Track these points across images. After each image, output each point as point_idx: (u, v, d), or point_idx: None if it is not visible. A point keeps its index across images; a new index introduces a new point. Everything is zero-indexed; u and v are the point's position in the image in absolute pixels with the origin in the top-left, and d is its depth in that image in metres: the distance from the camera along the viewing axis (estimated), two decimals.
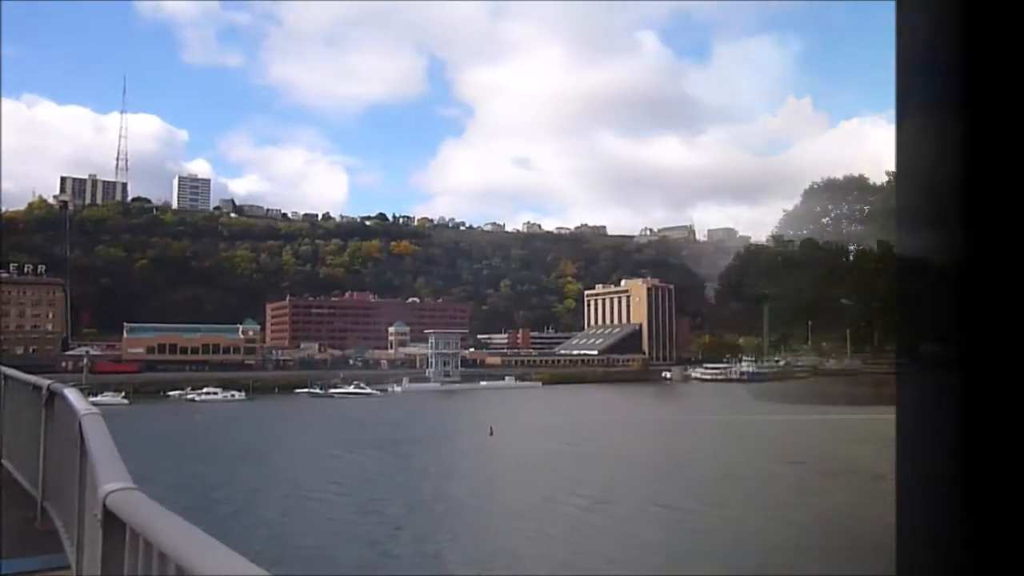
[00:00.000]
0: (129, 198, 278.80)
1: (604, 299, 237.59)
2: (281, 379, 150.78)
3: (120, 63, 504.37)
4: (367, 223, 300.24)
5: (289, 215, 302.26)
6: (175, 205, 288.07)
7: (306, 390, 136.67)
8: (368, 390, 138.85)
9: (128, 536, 3.01)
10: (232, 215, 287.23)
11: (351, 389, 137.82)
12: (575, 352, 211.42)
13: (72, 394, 6.26)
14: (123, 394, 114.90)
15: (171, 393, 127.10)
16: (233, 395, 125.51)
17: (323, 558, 31.28)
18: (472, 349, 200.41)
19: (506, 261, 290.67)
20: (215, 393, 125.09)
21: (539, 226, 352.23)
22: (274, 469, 55.11)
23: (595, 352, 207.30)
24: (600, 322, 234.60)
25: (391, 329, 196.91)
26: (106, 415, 5.03)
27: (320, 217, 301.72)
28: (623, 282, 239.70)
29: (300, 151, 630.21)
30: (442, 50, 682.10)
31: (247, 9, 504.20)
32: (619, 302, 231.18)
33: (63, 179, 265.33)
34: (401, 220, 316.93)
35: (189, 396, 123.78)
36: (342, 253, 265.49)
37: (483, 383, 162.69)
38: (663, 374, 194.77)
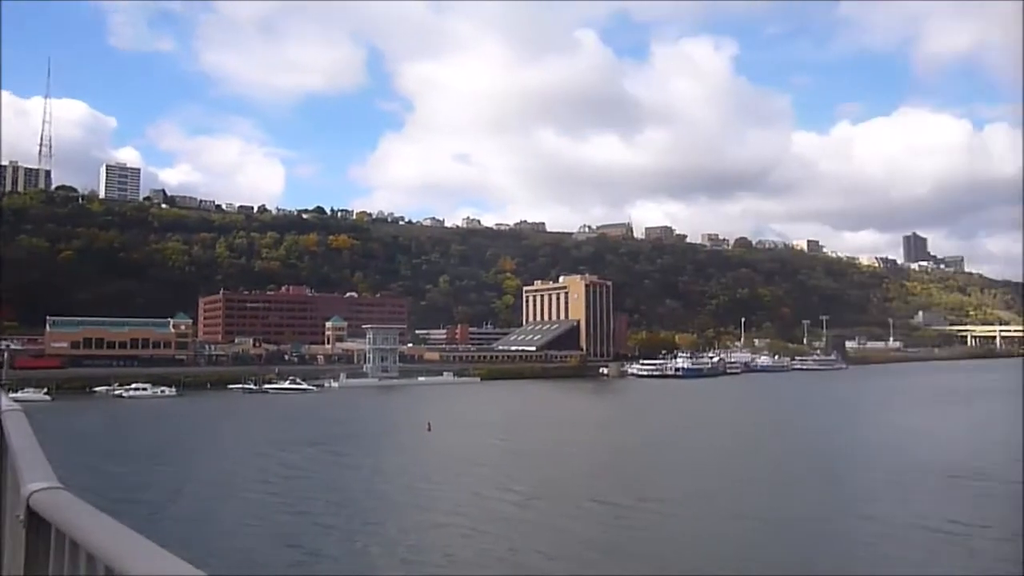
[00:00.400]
0: (53, 186, 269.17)
1: (543, 295, 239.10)
2: (214, 375, 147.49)
3: (44, 45, 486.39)
4: (304, 216, 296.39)
5: (223, 207, 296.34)
6: (102, 194, 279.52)
7: (240, 386, 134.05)
8: (304, 386, 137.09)
9: (53, 537, 2.88)
10: (163, 206, 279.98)
11: (286, 385, 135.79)
12: (513, 348, 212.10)
13: None
14: (45, 390, 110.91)
15: (97, 389, 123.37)
16: (163, 391, 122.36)
17: (248, 559, 30.61)
18: (411, 345, 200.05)
19: (445, 256, 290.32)
20: (144, 389, 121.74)
21: (479, 222, 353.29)
22: (202, 467, 53.80)
23: (533, 348, 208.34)
24: (539, 318, 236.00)
25: (328, 324, 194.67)
26: (26, 412, 4.83)
27: (256, 210, 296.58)
28: (562, 278, 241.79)
29: (235, 141, 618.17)
30: (381, 42, 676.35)
31: None
32: (558, 298, 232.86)
33: None
34: (339, 214, 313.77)
35: (116, 392, 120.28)
36: (278, 246, 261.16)
37: (421, 379, 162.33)
38: (600, 370, 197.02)
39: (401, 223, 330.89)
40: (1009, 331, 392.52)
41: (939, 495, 43.62)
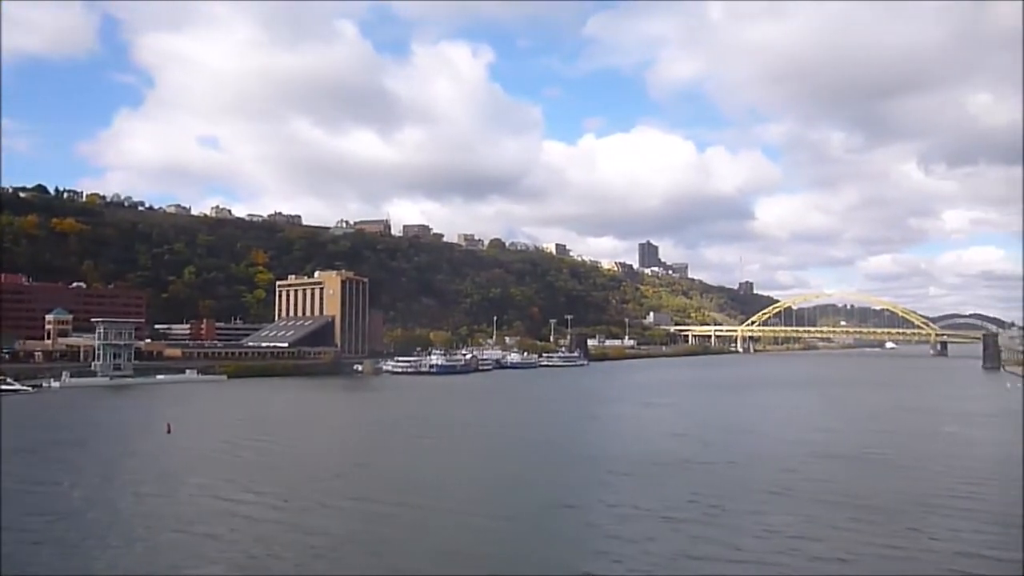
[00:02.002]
0: None
1: (297, 290, 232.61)
2: None
3: None
4: (21, 195, 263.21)
5: None
6: None
7: None
8: (16, 386, 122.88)
9: None
10: None
11: None
12: (264, 344, 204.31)
13: None
14: None
15: None
16: None
17: None
18: (149, 340, 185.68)
19: (191, 246, 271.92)
20: None
21: (229, 211, 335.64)
22: None
23: (286, 344, 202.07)
24: (292, 314, 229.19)
25: (49, 317, 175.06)
26: None
27: None
28: (317, 274, 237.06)
29: None
30: (116, 6, 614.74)
31: None
32: (312, 294, 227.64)
33: None
34: (65, 194, 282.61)
35: None
36: None
37: (160, 377, 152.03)
38: (355, 367, 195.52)
39: (141, 208, 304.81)
40: (722, 331, 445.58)
41: (650, 482, 48.77)
